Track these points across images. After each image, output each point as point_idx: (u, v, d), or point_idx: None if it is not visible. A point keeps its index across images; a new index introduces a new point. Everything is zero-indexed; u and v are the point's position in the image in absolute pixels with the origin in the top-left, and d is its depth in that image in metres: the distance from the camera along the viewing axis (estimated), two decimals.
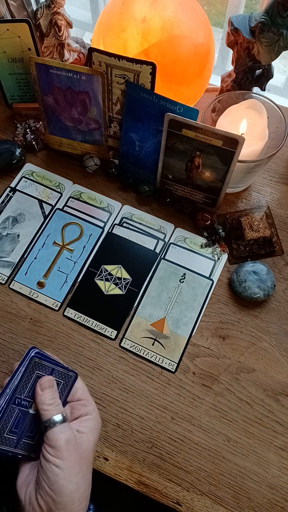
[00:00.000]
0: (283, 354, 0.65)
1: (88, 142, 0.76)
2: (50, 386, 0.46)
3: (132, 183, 0.76)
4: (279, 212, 0.75)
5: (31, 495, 0.43)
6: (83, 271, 0.70)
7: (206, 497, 0.57)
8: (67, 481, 0.42)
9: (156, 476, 0.58)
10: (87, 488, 0.44)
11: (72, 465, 0.42)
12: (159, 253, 0.72)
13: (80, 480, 0.43)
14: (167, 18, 0.68)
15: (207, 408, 0.62)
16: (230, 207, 0.76)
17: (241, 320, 0.67)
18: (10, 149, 0.76)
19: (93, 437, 0.46)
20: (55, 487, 0.41)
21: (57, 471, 0.42)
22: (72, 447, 0.43)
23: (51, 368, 0.48)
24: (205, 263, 0.71)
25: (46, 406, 0.45)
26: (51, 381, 0.47)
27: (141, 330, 0.66)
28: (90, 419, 0.48)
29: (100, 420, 0.49)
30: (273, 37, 0.64)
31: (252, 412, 0.61)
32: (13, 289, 0.69)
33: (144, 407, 0.62)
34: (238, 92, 0.72)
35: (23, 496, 0.43)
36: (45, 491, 0.41)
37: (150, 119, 0.67)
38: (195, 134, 0.62)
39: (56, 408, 0.45)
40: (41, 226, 0.74)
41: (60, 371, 0.49)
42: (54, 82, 0.67)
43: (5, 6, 0.73)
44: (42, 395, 0.45)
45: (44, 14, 0.73)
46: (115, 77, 0.65)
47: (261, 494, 0.57)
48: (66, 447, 0.42)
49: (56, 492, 0.41)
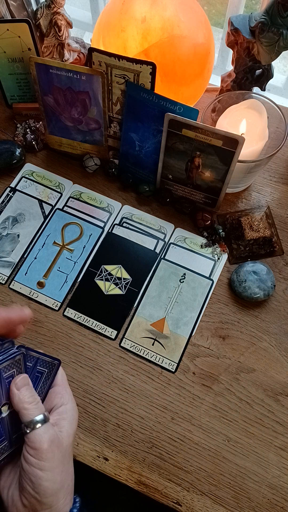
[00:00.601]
0: (283, 354, 0.65)
1: (88, 142, 0.76)
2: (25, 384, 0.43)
3: (132, 183, 0.76)
4: (279, 212, 0.75)
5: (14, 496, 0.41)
6: (83, 271, 0.70)
7: (206, 497, 0.57)
8: (51, 482, 0.40)
9: (156, 476, 0.58)
10: (70, 482, 0.43)
11: (55, 465, 0.41)
12: (159, 253, 0.72)
13: (64, 477, 0.42)
14: (167, 18, 0.68)
15: (207, 408, 0.62)
16: (230, 207, 0.76)
17: (241, 320, 0.67)
18: (10, 149, 0.76)
19: (72, 429, 0.45)
20: (39, 490, 0.40)
21: (40, 474, 0.40)
22: (55, 447, 0.41)
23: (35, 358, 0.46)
24: (205, 263, 0.71)
25: (26, 405, 0.42)
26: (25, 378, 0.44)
27: (141, 330, 0.66)
28: (68, 410, 0.45)
29: (76, 407, 0.47)
30: (273, 37, 0.64)
31: (252, 412, 0.61)
32: (13, 289, 0.69)
33: (144, 407, 0.62)
34: (238, 92, 0.72)
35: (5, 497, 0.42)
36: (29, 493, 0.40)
37: (150, 119, 0.67)
38: (195, 134, 0.62)
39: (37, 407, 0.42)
40: (41, 226, 0.74)
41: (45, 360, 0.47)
42: (54, 82, 0.67)
43: (5, 6, 0.73)
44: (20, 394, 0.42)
45: (44, 14, 0.73)
46: (115, 77, 0.65)
47: (261, 494, 0.57)
48: (49, 449, 0.41)
49: (41, 494, 0.40)
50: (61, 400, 0.46)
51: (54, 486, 0.40)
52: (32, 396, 0.43)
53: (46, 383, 0.47)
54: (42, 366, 0.47)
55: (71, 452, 0.45)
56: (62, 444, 0.43)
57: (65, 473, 0.42)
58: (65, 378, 0.48)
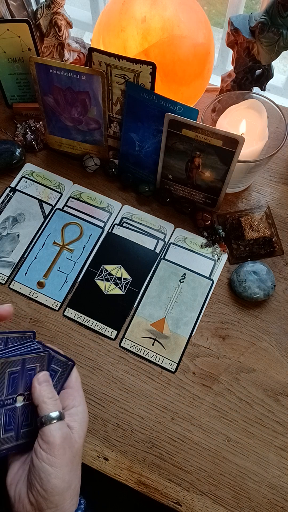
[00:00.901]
0: (283, 354, 0.65)
1: (88, 142, 0.76)
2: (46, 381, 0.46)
3: (132, 183, 0.76)
4: (279, 212, 0.75)
5: (21, 493, 0.42)
6: (83, 271, 0.70)
7: (206, 497, 0.57)
8: (60, 480, 0.41)
9: (156, 476, 0.58)
10: (77, 483, 0.44)
11: (65, 463, 0.42)
12: (159, 253, 0.72)
13: (72, 477, 0.42)
14: (167, 18, 0.68)
15: (207, 408, 0.62)
16: (230, 207, 0.76)
17: (241, 320, 0.67)
18: (10, 149, 0.76)
19: (82, 431, 0.46)
20: (47, 487, 0.40)
21: (50, 470, 0.41)
22: (67, 445, 0.42)
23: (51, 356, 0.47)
24: (205, 263, 0.71)
25: (46, 399, 0.44)
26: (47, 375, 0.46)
27: (141, 330, 0.66)
28: (79, 412, 0.46)
29: (87, 411, 0.48)
30: (273, 37, 0.64)
31: (252, 412, 0.61)
32: (13, 289, 0.69)
33: (144, 407, 0.62)
34: (238, 92, 0.72)
35: (13, 493, 0.42)
36: (37, 490, 0.41)
37: (150, 119, 0.67)
38: (195, 134, 0.62)
39: (55, 403, 0.44)
40: (41, 226, 0.74)
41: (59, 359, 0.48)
42: (54, 82, 0.67)
43: (5, 6, 0.73)
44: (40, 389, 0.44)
45: (44, 14, 0.73)
46: (115, 77, 0.65)
47: (261, 494, 0.57)
48: (61, 445, 0.42)
49: (48, 491, 0.40)
50: (72, 402, 0.47)
51: (62, 484, 0.41)
52: (52, 393, 0.45)
53: (59, 383, 0.48)
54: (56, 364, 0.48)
55: (81, 454, 0.45)
56: (74, 443, 0.43)
57: (74, 473, 0.43)
58: (79, 381, 0.49)
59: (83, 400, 0.48)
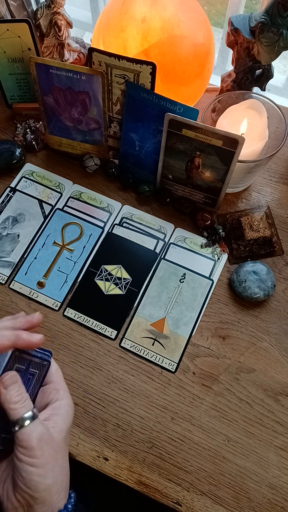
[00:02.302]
0: (283, 354, 0.65)
1: (88, 142, 0.76)
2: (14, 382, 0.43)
3: (132, 183, 0.76)
4: (279, 212, 0.75)
5: (8, 491, 0.42)
6: (83, 271, 0.70)
7: (206, 497, 0.57)
8: (43, 477, 0.41)
9: (156, 476, 0.58)
10: (65, 478, 0.43)
11: (46, 461, 0.41)
12: (159, 253, 0.72)
13: (57, 473, 0.42)
14: (167, 18, 0.68)
15: (207, 408, 0.62)
16: (230, 207, 0.76)
17: (241, 320, 0.67)
18: (10, 149, 0.76)
19: (65, 425, 0.45)
20: (30, 485, 0.40)
21: (31, 469, 0.40)
22: (45, 444, 0.41)
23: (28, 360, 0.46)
24: (205, 263, 0.71)
25: (13, 405, 0.42)
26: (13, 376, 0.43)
27: (141, 330, 0.66)
28: (62, 405, 0.46)
29: (72, 403, 0.47)
30: (273, 37, 0.64)
31: (252, 412, 0.61)
32: (13, 289, 0.69)
33: (144, 407, 0.62)
34: (238, 92, 0.72)
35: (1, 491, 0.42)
36: (21, 489, 0.41)
37: (150, 119, 0.67)
38: (195, 134, 0.62)
39: (24, 405, 0.42)
40: (41, 226, 0.74)
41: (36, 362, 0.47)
42: (54, 82, 0.67)
43: (5, 6, 0.73)
44: (6, 394, 0.42)
45: (44, 14, 0.73)
46: (115, 77, 0.65)
47: (261, 494, 0.57)
48: (38, 446, 0.41)
49: (33, 489, 0.40)
50: (56, 396, 0.46)
51: (45, 481, 0.41)
52: (20, 395, 0.42)
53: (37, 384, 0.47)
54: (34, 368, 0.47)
55: (65, 447, 0.44)
56: (53, 439, 0.43)
57: (58, 468, 0.42)
58: (60, 374, 0.48)
59: (66, 393, 0.47)
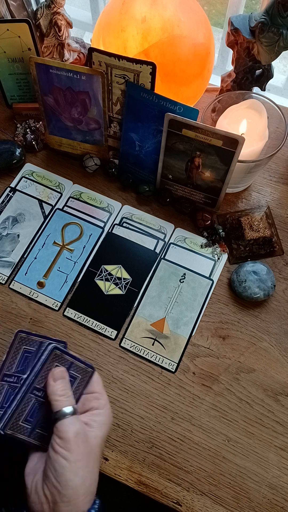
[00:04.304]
0: (283, 354, 0.65)
1: (88, 142, 0.76)
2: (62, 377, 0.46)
3: (132, 183, 0.76)
4: (279, 212, 0.75)
5: (37, 484, 0.43)
6: (83, 271, 0.70)
7: (206, 497, 0.57)
8: (73, 474, 0.42)
9: (156, 476, 0.58)
10: (93, 482, 0.44)
11: (79, 458, 0.42)
12: (159, 253, 0.72)
13: (87, 474, 0.43)
14: (167, 18, 0.68)
15: (207, 408, 0.62)
16: (230, 207, 0.76)
17: (241, 320, 0.67)
18: (10, 149, 0.76)
19: (101, 432, 0.46)
20: (61, 479, 0.41)
21: (64, 463, 0.42)
22: (81, 440, 0.43)
23: (70, 362, 0.48)
24: (205, 263, 0.71)
25: (58, 397, 0.45)
26: (63, 372, 0.47)
27: (141, 330, 0.66)
28: (101, 414, 0.47)
29: (111, 416, 0.49)
30: (273, 37, 0.64)
31: (252, 412, 0.61)
32: (13, 289, 0.69)
33: (144, 407, 0.62)
34: (238, 92, 0.72)
35: (30, 484, 0.44)
36: (51, 482, 0.42)
37: (150, 119, 0.67)
38: (195, 134, 0.62)
39: (67, 399, 0.45)
40: (41, 226, 0.74)
41: (79, 366, 0.49)
42: (54, 82, 0.67)
43: (5, 6, 0.73)
44: (54, 386, 0.45)
45: (44, 14, 0.73)
46: (115, 77, 0.65)
47: (261, 494, 0.57)
48: (74, 440, 0.43)
49: (62, 484, 0.41)
50: (96, 404, 0.48)
51: (75, 479, 0.42)
52: (65, 390, 0.46)
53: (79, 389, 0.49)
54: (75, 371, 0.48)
55: (99, 454, 0.46)
56: (88, 440, 0.44)
57: (89, 470, 0.43)
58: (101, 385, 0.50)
59: (107, 404, 0.49)
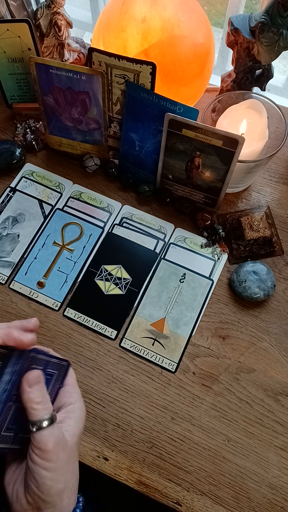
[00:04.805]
0: (283, 354, 0.65)
1: (88, 142, 0.76)
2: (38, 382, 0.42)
3: (132, 183, 0.76)
4: (279, 212, 0.75)
5: (19, 492, 0.41)
6: (83, 271, 0.70)
7: (206, 497, 0.57)
8: (56, 481, 0.40)
9: (156, 476, 0.58)
10: (75, 482, 0.43)
11: (60, 466, 0.41)
12: (159, 253, 0.72)
13: (69, 477, 0.42)
14: (167, 18, 0.68)
15: (207, 408, 0.62)
16: (230, 207, 0.76)
17: (241, 320, 0.67)
18: (10, 149, 0.76)
19: (78, 429, 0.45)
20: (43, 489, 0.40)
21: (44, 473, 0.40)
22: (61, 449, 0.41)
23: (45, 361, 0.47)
24: (205, 263, 0.71)
25: (35, 405, 0.41)
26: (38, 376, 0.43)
27: (141, 330, 0.66)
28: (76, 408, 0.46)
29: (85, 408, 0.47)
30: (273, 37, 0.64)
31: (252, 412, 0.61)
32: (13, 289, 0.69)
33: (144, 407, 0.62)
34: (238, 92, 0.72)
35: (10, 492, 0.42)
36: (33, 491, 0.40)
37: (150, 119, 0.67)
38: (195, 134, 0.62)
39: (45, 407, 0.42)
40: (41, 226, 0.74)
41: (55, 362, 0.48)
42: (54, 82, 0.67)
43: (5, 6, 0.73)
44: (30, 393, 0.41)
45: (44, 14, 0.73)
46: (115, 77, 0.65)
47: (261, 494, 0.57)
48: (54, 450, 0.40)
49: (45, 493, 0.40)
50: (69, 399, 0.46)
51: (58, 485, 0.41)
52: (42, 395, 0.42)
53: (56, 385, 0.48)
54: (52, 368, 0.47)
55: (76, 451, 0.45)
56: (67, 444, 0.43)
57: (70, 473, 0.42)
58: (74, 378, 0.49)
59: (79, 397, 0.47)
